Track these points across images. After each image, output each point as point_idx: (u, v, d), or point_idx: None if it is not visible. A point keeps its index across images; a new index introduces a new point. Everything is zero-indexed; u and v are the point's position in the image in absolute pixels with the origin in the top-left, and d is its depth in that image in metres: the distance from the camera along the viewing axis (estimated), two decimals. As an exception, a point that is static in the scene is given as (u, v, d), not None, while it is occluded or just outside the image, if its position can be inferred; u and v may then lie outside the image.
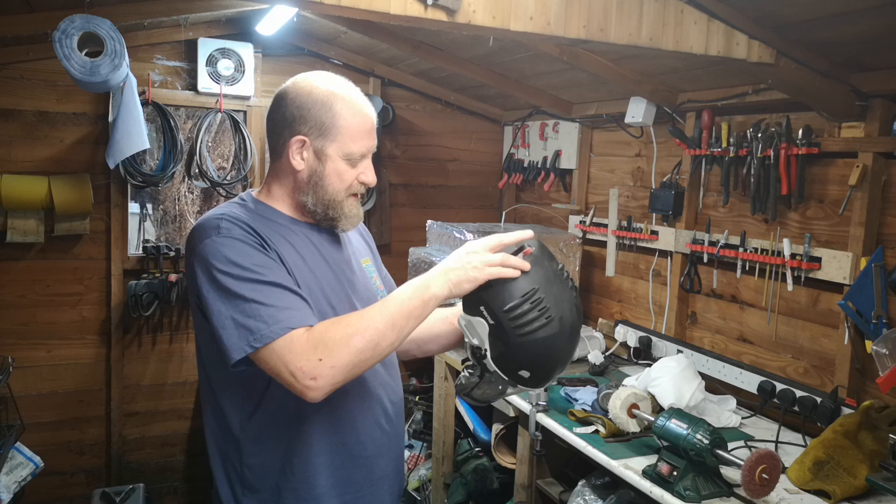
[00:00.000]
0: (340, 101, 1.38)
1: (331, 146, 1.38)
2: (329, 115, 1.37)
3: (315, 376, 1.21)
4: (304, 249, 1.41)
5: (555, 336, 1.26)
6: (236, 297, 1.25)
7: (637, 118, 2.66)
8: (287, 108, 1.39)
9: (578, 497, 2.13)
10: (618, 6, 1.78)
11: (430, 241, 3.44)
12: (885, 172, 2.02)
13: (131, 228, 3.25)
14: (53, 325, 3.15)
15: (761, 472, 1.60)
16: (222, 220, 1.33)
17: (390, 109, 3.60)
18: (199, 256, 1.30)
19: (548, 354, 1.28)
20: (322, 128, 1.37)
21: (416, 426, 3.47)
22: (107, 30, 2.31)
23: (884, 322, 1.94)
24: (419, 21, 1.66)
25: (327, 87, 1.39)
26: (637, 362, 2.78)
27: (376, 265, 1.66)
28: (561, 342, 1.28)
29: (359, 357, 1.24)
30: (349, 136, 1.38)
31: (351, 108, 1.38)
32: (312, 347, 1.22)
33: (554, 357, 1.29)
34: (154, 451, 3.40)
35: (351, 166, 1.40)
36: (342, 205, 1.42)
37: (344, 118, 1.37)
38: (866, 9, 1.60)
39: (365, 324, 1.25)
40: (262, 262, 1.29)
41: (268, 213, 1.42)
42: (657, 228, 2.78)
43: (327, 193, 1.40)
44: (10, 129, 2.98)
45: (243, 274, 1.26)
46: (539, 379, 1.31)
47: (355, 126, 1.38)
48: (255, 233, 1.33)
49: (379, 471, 1.48)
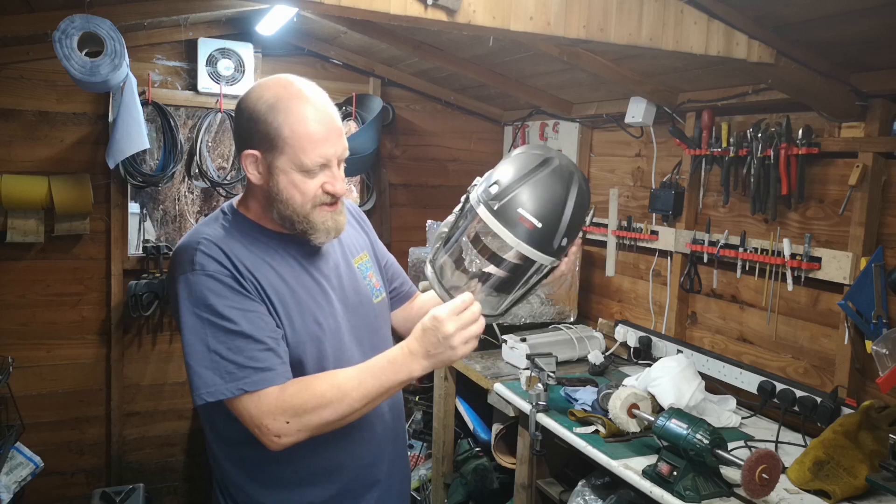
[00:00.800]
0: (285, 111, 1.28)
1: (279, 159, 1.30)
2: (273, 126, 1.28)
3: (280, 435, 1.24)
4: (284, 267, 1.36)
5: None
6: (201, 341, 1.25)
7: (637, 118, 2.66)
8: (239, 119, 1.34)
9: (578, 497, 2.13)
10: (618, 6, 1.78)
11: (430, 241, 3.44)
12: (885, 172, 2.02)
13: (131, 228, 3.25)
14: (53, 325, 3.15)
15: (761, 472, 1.60)
16: (198, 251, 1.28)
17: (390, 109, 3.60)
18: (175, 290, 1.29)
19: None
20: (268, 140, 1.29)
21: (416, 426, 3.47)
22: (107, 30, 2.31)
23: (884, 322, 1.94)
24: (419, 21, 1.66)
25: (273, 95, 1.30)
26: (637, 362, 2.78)
27: (375, 255, 1.61)
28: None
29: (327, 426, 1.27)
30: (297, 147, 1.28)
31: (297, 117, 1.28)
32: (281, 410, 1.23)
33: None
34: (154, 451, 3.40)
35: (309, 178, 1.31)
36: (309, 217, 1.34)
37: (289, 128, 1.28)
38: (866, 9, 1.60)
39: (339, 397, 1.25)
40: (236, 303, 1.26)
41: (247, 229, 1.37)
42: (657, 228, 2.78)
43: (288, 207, 1.32)
44: (10, 129, 2.98)
45: (213, 319, 1.25)
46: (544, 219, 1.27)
47: (303, 136, 1.28)
48: (231, 265, 1.29)
49: (378, 475, 1.47)
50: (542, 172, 1.28)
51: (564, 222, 1.27)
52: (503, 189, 1.28)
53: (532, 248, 1.26)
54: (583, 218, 1.33)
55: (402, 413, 1.58)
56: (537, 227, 1.25)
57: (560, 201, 1.27)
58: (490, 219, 1.27)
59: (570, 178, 1.30)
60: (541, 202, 1.26)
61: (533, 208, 1.25)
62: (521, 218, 1.25)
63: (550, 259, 1.29)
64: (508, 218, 1.26)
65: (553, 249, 1.28)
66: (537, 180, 1.28)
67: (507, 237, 1.25)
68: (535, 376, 2.28)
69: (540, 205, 1.26)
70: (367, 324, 1.49)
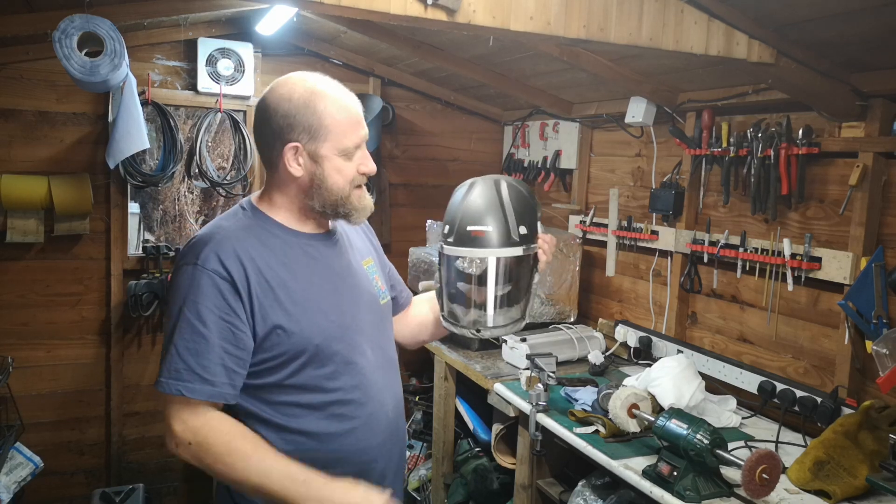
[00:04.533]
0: (322, 100, 1.37)
1: (324, 146, 1.38)
2: (314, 116, 1.36)
3: (178, 445, 1.32)
4: (298, 264, 1.41)
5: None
6: (171, 329, 1.32)
7: (637, 118, 2.66)
8: (272, 118, 1.38)
9: (578, 497, 2.13)
10: (618, 6, 1.78)
11: (430, 241, 3.44)
12: (885, 172, 2.02)
13: (131, 228, 3.25)
14: (53, 325, 3.14)
15: (761, 473, 1.60)
16: (209, 245, 1.34)
17: (390, 109, 3.60)
18: (174, 277, 1.36)
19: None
20: (311, 130, 1.37)
21: (416, 426, 3.47)
22: (106, 30, 2.30)
23: (884, 322, 1.94)
24: (419, 21, 1.66)
25: (305, 88, 1.38)
26: (637, 362, 2.78)
27: (379, 262, 1.67)
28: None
29: (213, 474, 1.32)
30: (339, 131, 1.38)
31: (335, 105, 1.38)
32: (192, 431, 1.29)
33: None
34: (154, 451, 3.40)
35: (348, 160, 1.40)
36: (349, 199, 1.42)
37: (330, 115, 1.37)
38: (866, 9, 1.60)
39: (241, 466, 1.28)
40: (215, 306, 1.31)
41: (267, 226, 1.42)
42: (657, 228, 2.78)
43: (332, 193, 1.40)
44: (10, 129, 2.98)
45: (186, 314, 1.30)
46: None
47: (343, 121, 1.38)
48: (235, 266, 1.33)
49: (378, 472, 1.48)
50: (472, 193, 1.50)
51: (510, 213, 1.46)
52: (450, 224, 1.50)
53: (497, 248, 1.45)
54: (526, 204, 1.51)
55: (402, 411, 1.60)
56: (489, 231, 1.45)
57: (495, 200, 1.47)
58: (453, 249, 1.49)
59: (497, 182, 1.50)
60: (480, 211, 1.46)
61: (478, 220, 1.45)
62: (473, 232, 1.45)
63: (520, 248, 1.47)
64: (465, 239, 1.46)
65: (516, 240, 1.46)
66: (470, 200, 1.49)
67: (473, 252, 1.46)
68: (535, 376, 2.28)
69: (480, 213, 1.46)
70: (375, 322, 1.53)
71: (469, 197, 1.49)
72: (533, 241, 1.50)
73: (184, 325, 1.30)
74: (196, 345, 1.29)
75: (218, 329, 1.30)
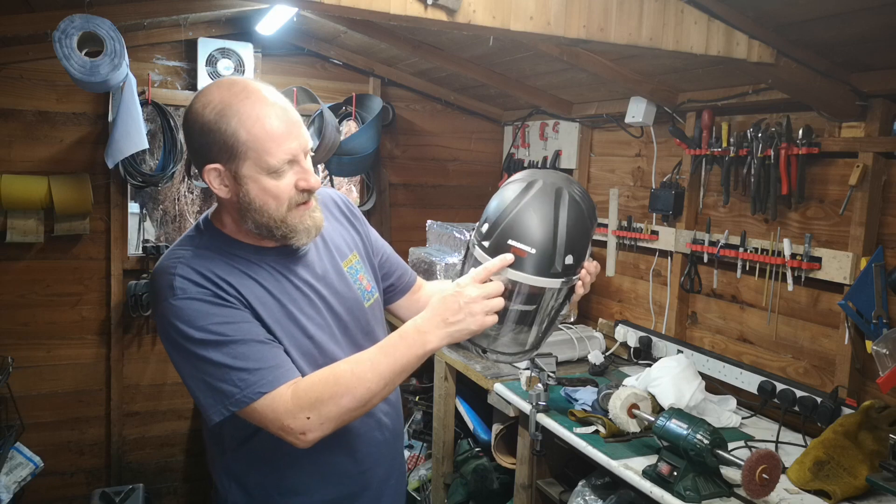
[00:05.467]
0: (236, 113, 1.20)
1: (244, 165, 1.22)
2: (228, 133, 1.20)
3: (304, 431, 1.20)
4: (268, 280, 1.31)
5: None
6: (204, 361, 1.21)
7: (637, 118, 2.66)
8: (191, 135, 1.25)
9: (578, 497, 2.13)
10: (618, 6, 1.77)
11: (430, 241, 3.44)
12: (885, 172, 2.02)
13: (131, 228, 3.25)
14: (53, 325, 3.14)
15: (761, 473, 1.60)
16: (176, 276, 1.23)
17: (390, 109, 3.60)
18: (161, 318, 1.25)
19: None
20: (227, 149, 1.21)
21: (416, 426, 3.46)
22: (107, 30, 2.30)
23: (884, 322, 1.94)
24: (419, 21, 1.66)
25: (219, 101, 1.21)
26: (637, 362, 2.78)
27: (366, 253, 1.55)
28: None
29: (349, 414, 1.23)
30: (259, 148, 1.21)
31: (251, 118, 1.20)
32: (299, 407, 1.20)
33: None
34: (154, 451, 3.40)
35: (277, 178, 1.23)
36: (285, 221, 1.27)
37: (245, 130, 1.20)
38: (866, 9, 1.60)
39: (355, 382, 1.20)
40: (225, 318, 1.22)
41: (224, 245, 1.32)
42: (657, 228, 2.78)
43: (263, 215, 1.25)
44: (10, 129, 2.98)
45: (207, 338, 1.20)
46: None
47: (260, 135, 1.20)
48: (211, 283, 1.24)
49: (377, 479, 1.46)
50: (526, 198, 1.25)
51: (560, 240, 1.23)
52: (492, 225, 1.26)
53: (533, 276, 1.22)
54: (583, 230, 1.27)
55: (400, 415, 1.56)
56: (531, 254, 1.22)
57: (549, 221, 1.23)
58: (485, 257, 1.25)
59: (559, 195, 1.25)
60: (529, 227, 1.22)
61: (523, 236, 1.22)
62: (513, 249, 1.22)
63: (559, 281, 1.24)
64: (501, 251, 1.23)
65: (558, 271, 1.23)
66: (522, 207, 1.24)
67: (507, 272, 1.22)
68: (535, 376, 2.28)
69: (529, 231, 1.22)
70: (360, 328, 1.45)
71: (522, 202, 1.24)
72: (576, 272, 1.28)
73: (211, 349, 1.20)
74: (236, 350, 1.20)
75: (239, 330, 1.22)
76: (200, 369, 1.22)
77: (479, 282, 1.21)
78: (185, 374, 1.25)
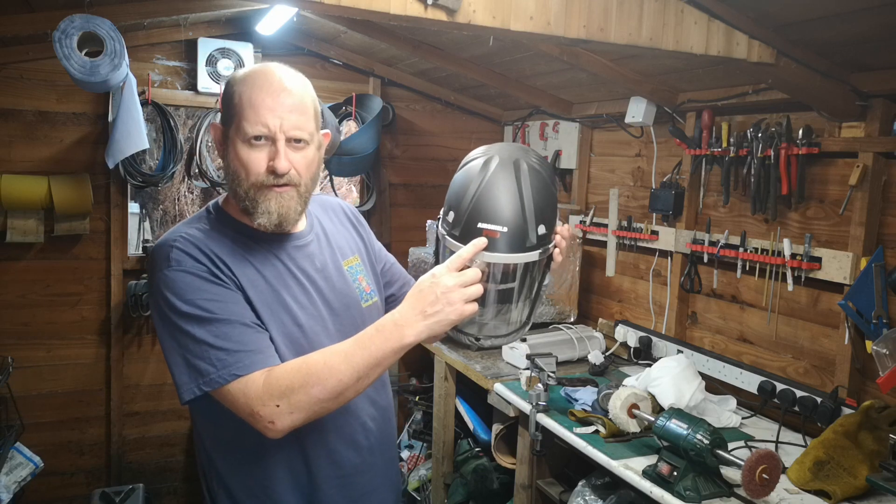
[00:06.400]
0: (243, 82, 1.28)
1: (231, 128, 1.29)
2: (228, 97, 1.29)
3: (273, 420, 1.18)
4: (266, 266, 1.32)
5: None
6: (186, 335, 1.21)
7: (637, 118, 2.66)
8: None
9: (578, 497, 2.13)
10: (618, 6, 1.77)
11: (430, 241, 3.44)
12: (885, 172, 2.02)
13: (131, 228, 3.25)
14: (53, 325, 3.14)
15: (761, 473, 1.60)
16: (174, 247, 1.25)
17: (390, 109, 3.60)
18: (154, 288, 1.26)
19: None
20: (227, 110, 1.30)
21: (416, 426, 3.47)
22: (107, 30, 2.31)
23: (884, 322, 1.94)
24: (419, 21, 1.66)
25: (245, 72, 1.31)
26: (637, 362, 2.78)
27: (368, 258, 1.56)
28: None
29: (320, 405, 1.20)
30: (241, 114, 1.26)
31: (249, 86, 1.27)
32: (269, 395, 1.18)
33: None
34: (154, 451, 3.40)
35: (249, 148, 1.26)
36: (249, 195, 1.29)
37: (239, 95, 1.27)
38: (866, 9, 1.60)
39: (326, 373, 1.18)
40: (215, 295, 1.23)
41: (230, 227, 1.34)
42: (657, 228, 2.78)
43: (234, 182, 1.30)
44: (10, 129, 2.98)
45: (193, 312, 1.21)
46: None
47: (247, 103, 1.26)
48: (208, 259, 1.25)
49: (362, 487, 1.43)
50: (486, 176, 1.23)
51: (530, 213, 1.21)
52: (458, 212, 1.24)
53: (510, 254, 1.21)
54: (549, 197, 1.26)
55: (390, 422, 1.52)
56: (504, 233, 1.20)
57: (515, 196, 1.21)
58: (457, 245, 1.23)
59: (517, 167, 1.23)
60: (496, 207, 1.21)
61: (491, 216, 1.20)
62: (485, 232, 1.20)
63: (536, 253, 1.23)
64: (473, 236, 1.21)
65: (533, 243, 1.23)
66: (485, 187, 1.22)
67: (483, 255, 1.20)
68: (535, 376, 2.28)
69: (497, 210, 1.21)
70: (354, 326, 1.41)
71: (483, 182, 1.23)
72: (550, 240, 1.27)
73: (196, 323, 1.21)
74: (219, 329, 1.20)
75: (227, 310, 1.23)
76: (181, 343, 1.22)
77: (454, 270, 1.19)
78: (166, 348, 1.25)
